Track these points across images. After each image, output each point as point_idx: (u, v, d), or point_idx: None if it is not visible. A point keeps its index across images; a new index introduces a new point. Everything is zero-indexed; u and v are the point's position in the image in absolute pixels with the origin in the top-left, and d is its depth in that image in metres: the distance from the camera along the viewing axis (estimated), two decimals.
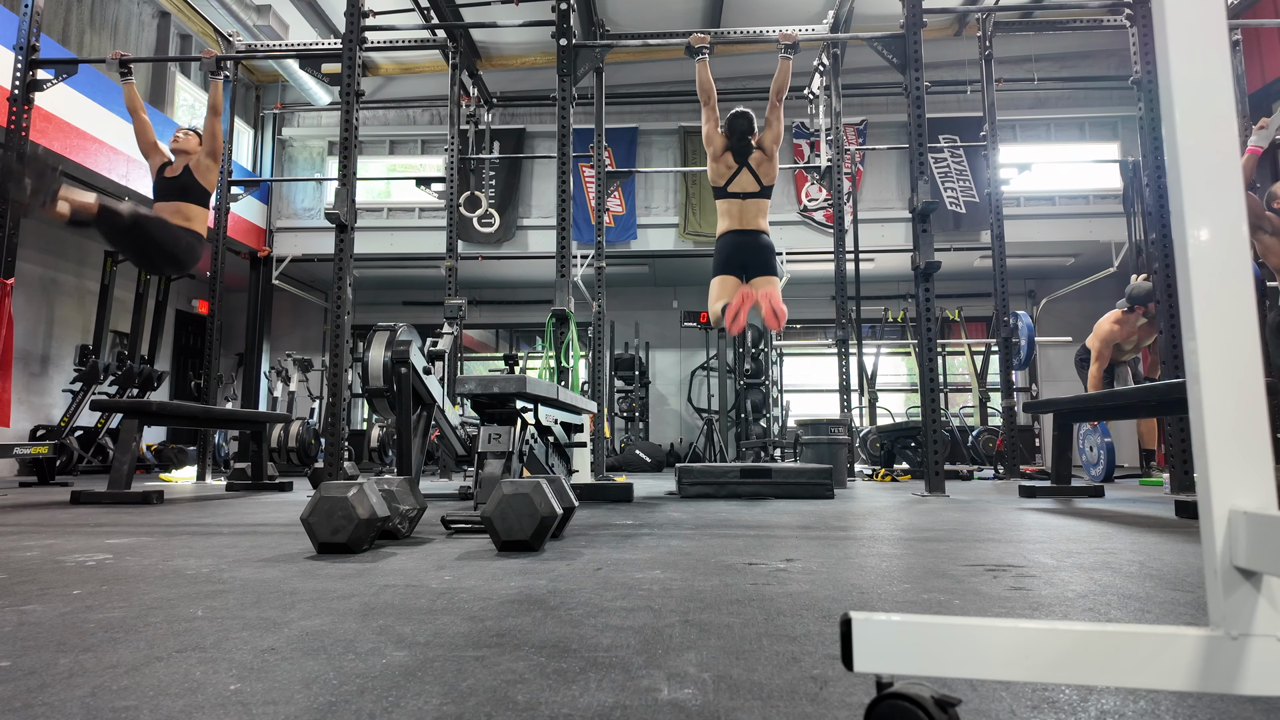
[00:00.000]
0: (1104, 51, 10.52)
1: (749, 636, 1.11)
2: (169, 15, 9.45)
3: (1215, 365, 0.61)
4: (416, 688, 0.87)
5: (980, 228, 10.08)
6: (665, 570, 1.71)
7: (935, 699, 0.61)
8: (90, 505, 3.71)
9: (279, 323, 11.81)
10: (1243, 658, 0.58)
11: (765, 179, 4.56)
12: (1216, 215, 0.62)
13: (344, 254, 4.59)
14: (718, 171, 4.62)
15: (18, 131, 5.07)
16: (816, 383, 12.28)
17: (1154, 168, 4.71)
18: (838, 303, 7.13)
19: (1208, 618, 0.61)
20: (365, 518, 1.96)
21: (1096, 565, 1.79)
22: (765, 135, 4.60)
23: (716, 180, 4.63)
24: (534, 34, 9.53)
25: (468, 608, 1.30)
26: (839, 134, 7.39)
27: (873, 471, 7.12)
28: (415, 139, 11.37)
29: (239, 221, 9.79)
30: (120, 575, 1.63)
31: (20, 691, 0.85)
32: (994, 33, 6.65)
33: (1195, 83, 0.64)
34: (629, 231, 10.46)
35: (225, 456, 9.53)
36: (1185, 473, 4.32)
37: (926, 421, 4.52)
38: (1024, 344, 6.92)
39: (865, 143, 10.45)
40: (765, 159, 4.56)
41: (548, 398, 3.01)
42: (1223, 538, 0.59)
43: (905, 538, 2.35)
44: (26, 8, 5.20)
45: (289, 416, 7.05)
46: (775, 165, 4.63)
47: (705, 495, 4.41)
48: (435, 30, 7.48)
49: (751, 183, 4.56)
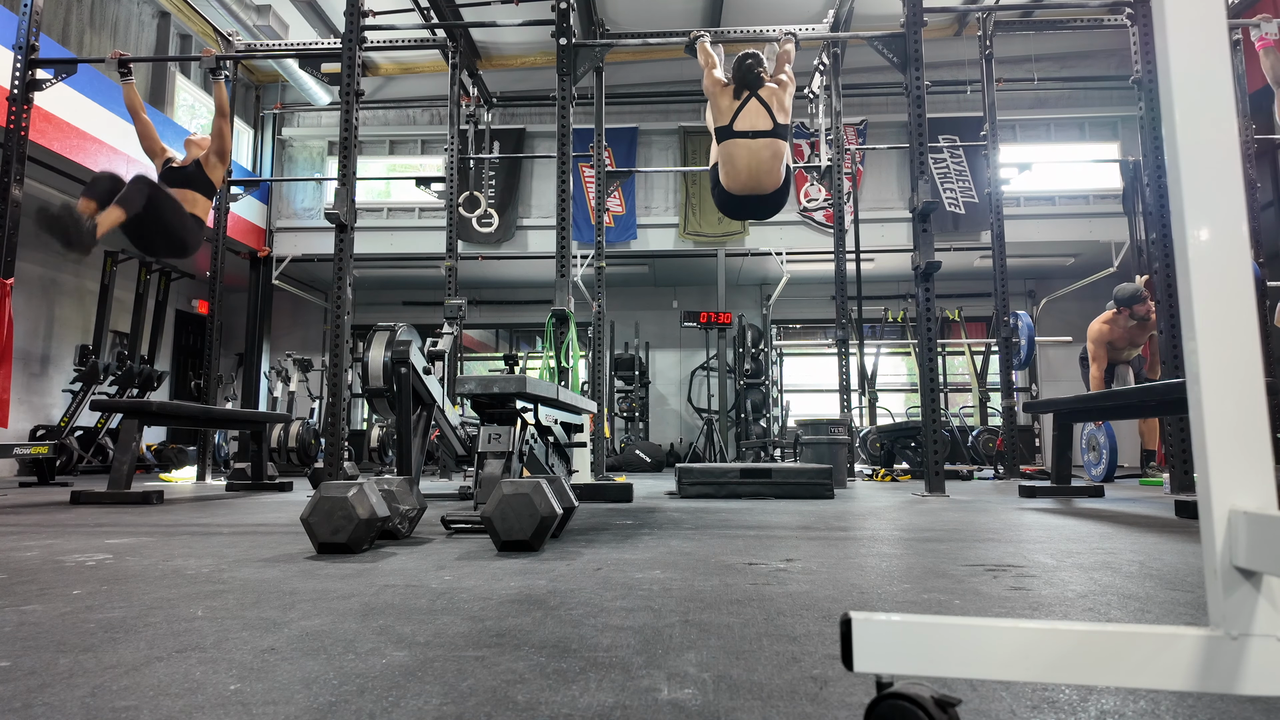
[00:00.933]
0: (1104, 51, 10.52)
1: (749, 636, 1.11)
2: (169, 15, 9.45)
3: (1215, 365, 0.61)
4: (416, 688, 0.87)
5: (980, 228, 10.08)
6: (665, 570, 1.71)
7: (935, 699, 0.61)
8: (90, 505, 3.71)
9: (279, 323, 11.81)
10: (1243, 658, 0.58)
11: (779, 114, 3.80)
12: (1216, 215, 0.62)
13: (344, 254, 4.59)
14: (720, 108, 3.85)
15: (17, 131, 5.07)
16: (816, 383, 12.28)
17: (1154, 168, 4.71)
18: (838, 303, 7.13)
19: (1208, 618, 0.61)
20: (365, 518, 1.96)
21: (1096, 565, 1.79)
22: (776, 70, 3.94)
23: (720, 118, 3.85)
24: (534, 34, 9.52)
25: (468, 608, 1.30)
26: (839, 134, 7.39)
27: (873, 471, 7.12)
28: (415, 139, 11.37)
29: (239, 221, 9.79)
30: (120, 575, 1.63)
31: (20, 691, 0.85)
32: (994, 32, 6.65)
33: (1195, 83, 0.64)
34: (629, 231, 10.45)
35: (225, 456, 9.53)
36: (1185, 473, 4.32)
37: (926, 421, 4.52)
38: (1024, 344, 6.92)
39: (865, 142, 10.45)
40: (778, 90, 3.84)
41: (548, 398, 3.01)
42: (1223, 538, 0.59)
43: (905, 538, 2.35)
44: (26, 7, 5.20)
45: (289, 416, 7.05)
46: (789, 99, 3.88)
47: (705, 495, 4.41)
48: (435, 30, 7.48)
49: (763, 117, 3.77)
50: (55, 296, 8.87)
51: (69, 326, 9.09)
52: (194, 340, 11.39)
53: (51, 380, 8.84)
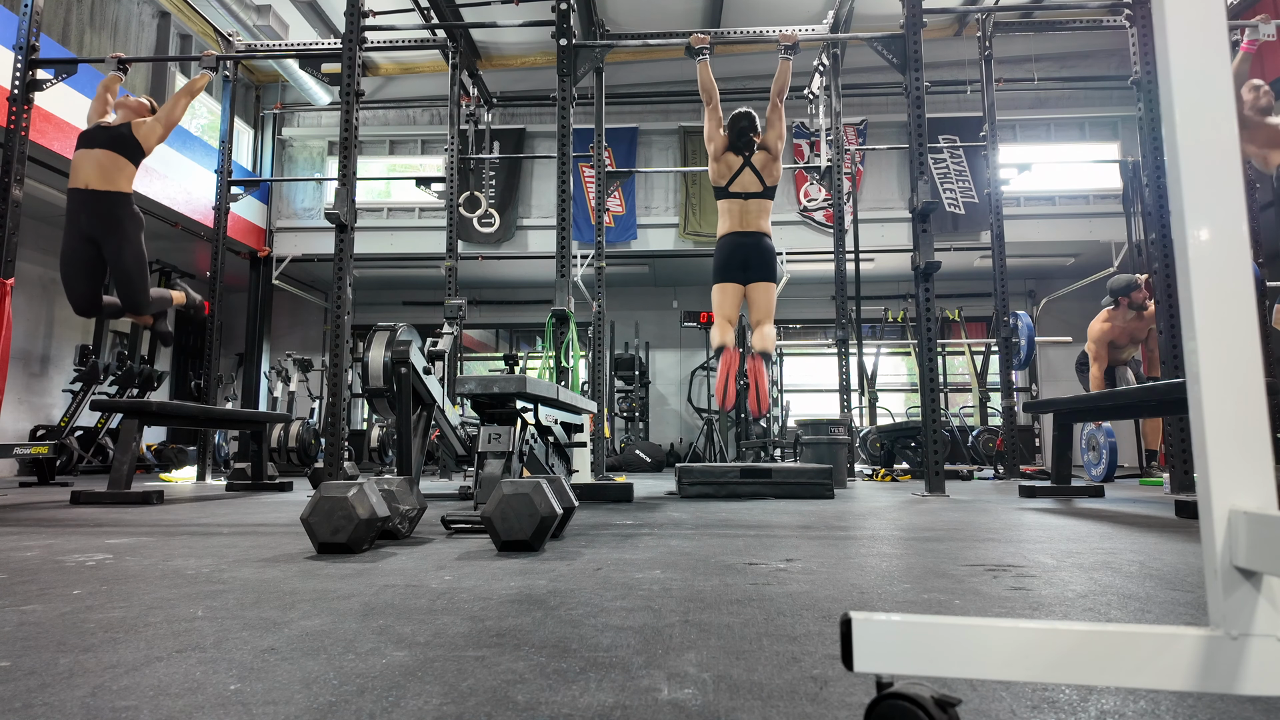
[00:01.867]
0: (1104, 51, 10.52)
1: (749, 636, 1.11)
2: (169, 15, 9.45)
3: (1215, 365, 0.61)
4: (417, 688, 0.87)
5: (980, 228, 10.08)
6: (665, 570, 1.71)
7: (935, 699, 0.61)
8: (90, 505, 3.71)
9: (279, 323, 11.81)
10: (1243, 658, 0.58)
11: (769, 179, 4.51)
12: (1216, 215, 0.62)
13: (344, 254, 4.59)
14: (719, 171, 4.56)
15: (17, 131, 5.07)
16: (816, 383, 12.28)
17: (1154, 168, 4.71)
18: (838, 303, 7.13)
19: (1208, 618, 0.61)
20: (365, 518, 1.96)
21: (1096, 565, 1.79)
22: (769, 134, 4.57)
23: (718, 180, 4.57)
24: (534, 34, 9.53)
25: (468, 608, 1.30)
26: (839, 134, 7.39)
27: (873, 471, 7.12)
28: (415, 139, 11.37)
29: (239, 221, 9.79)
30: (120, 575, 1.63)
31: (20, 691, 0.85)
32: (994, 33, 6.65)
33: (1195, 83, 0.64)
34: (629, 231, 10.46)
35: (225, 456, 9.53)
36: (1185, 473, 4.32)
37: (926, 421, 4.52)
38: (1024, 344, 6.92)
39: (865, 143, 10.45)
40: (770, 159, 4.52)
41: (548, 398, 3.01)
42: (1223, 538, 0.59)
43: (905, 538, 2.35)
44: (26, 7, 5.20)
45: (289, 416, 7.05)
46: (779, 165, 4.57)
47: (705, 495, 4.41)
48: (435, 30, 7.48)
49: (754, 182, 4.50)
50: (55, 296, 8.87)
51: (69, 326, 9.09)
52: (194, 340, 11.39)
53: (51, 380, 8.84)
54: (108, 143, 4.43)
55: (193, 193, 8.89)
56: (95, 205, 4.39)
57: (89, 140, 4.46)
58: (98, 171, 4.39)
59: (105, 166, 4.41)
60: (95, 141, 4.44)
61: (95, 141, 4.44)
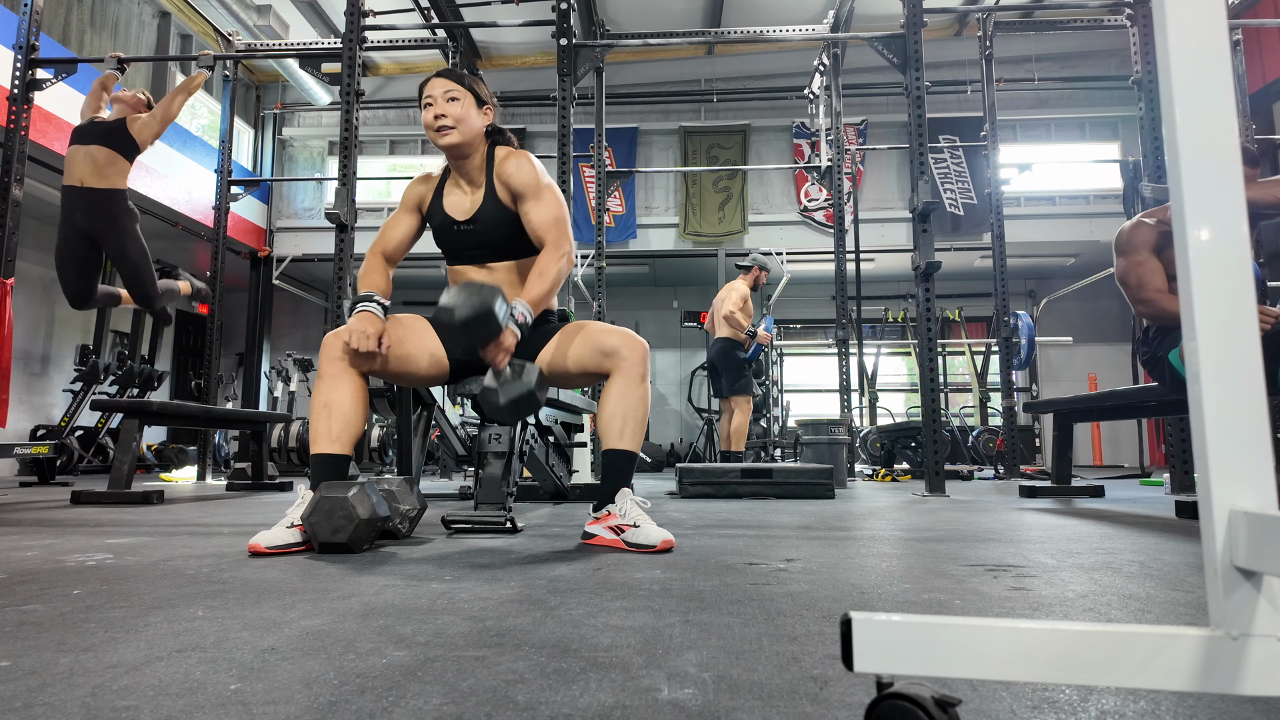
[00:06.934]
0: (1104, 51, 10.52)
1: (749, 636, 1.11)
2: (169, 15, 9.46)
3: (1215, 365, 0.61)
4: (417, 687, 0.87)
5: (980, 228, 10.08)
6: (665, 570, 1.71)
7: (935, 699, 0.61)
8: (90, 505, 3.71)
9: (279, 323, 11.81)
10: (1243, 658, 0.58)
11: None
12: (1216, 215, 0.62)
13: (344, 254, 4.59)
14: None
15: (17, 131, 5.07)
16: (816, 383, 12.28)
17: (1154, 168, 4.71)
18: (838, 303, 7.13)
19: (1208, 618, 0.61)
20: (365, 518, 1.95)
21: (1097, 565, 1.79)
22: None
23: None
24: (534, 34, 9.53)
25: (468, 607, 1.30)
26: (839, 134, 7.39)
27: (873, 471, 7.11)
28: (415, 139, 11.37)
29: (239, 221, 9.79)
30: (121, 575, 1.63)
31: (20, 691, 0.85)
32: (994, 33, 6.65)
33: (1195, 83, 0.64)
34: (629, 231, 10.46)
35: (225, 456, 9.53)
36: (1185, 473, 4.32)
37: (927, 421, 4.52)
38: (1024, 344, 6.92)
39: (865, 143, 10.45)
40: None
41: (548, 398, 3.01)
42: (1223, 538, 0.59)
43: (905, 538, 2.35)
44: (26, 7, 5.20)
45: (289, 416, 7.05)
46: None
47: (705, 495, 4.41)
48: (435, 30, 7.48)
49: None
50: (55, 296, 8.87)
51: (69, 326, 9.09)
52: (194, 340, 11.39)
53: (52, 380, 8.84)
54: (101, 138, 4.42)
55: (193, 192, 8.89)
56: (90, 203, 4.38)
57: (82, 135, 4.44)
58: (92, 168, 4.38)
59: (99, 162, 4.40)
60: (89, 137, 4.42)
61: (89, 137, 4.42)
